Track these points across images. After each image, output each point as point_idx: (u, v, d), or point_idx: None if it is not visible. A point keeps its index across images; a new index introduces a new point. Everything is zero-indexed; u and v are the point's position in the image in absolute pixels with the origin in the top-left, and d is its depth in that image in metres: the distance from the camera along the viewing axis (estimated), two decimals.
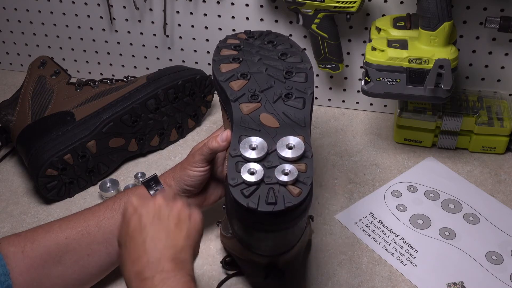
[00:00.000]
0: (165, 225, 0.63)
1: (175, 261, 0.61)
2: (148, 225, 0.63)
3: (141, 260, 0.61)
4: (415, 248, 0.86)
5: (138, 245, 0.62)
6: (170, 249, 0.62)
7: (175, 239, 0.63)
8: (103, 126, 0.96)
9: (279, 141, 0.70)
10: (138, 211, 0.64)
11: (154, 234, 0.62)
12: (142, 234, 0.62)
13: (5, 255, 0.72)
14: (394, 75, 0.88)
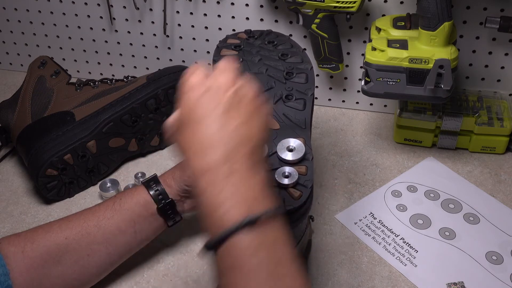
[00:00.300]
0: (238, 113, 0.55)
1: (252, 159, 0.53)
2: (218, 111, 0.54)
3: (215, 149, 0.53)
4: (415, 248, 0.86)
5: (209, 133, 0.53)
6: (247, 143, 0.54)
7: (252, 131, 0.55)
8: (103, 126, 0.96)
9: (280, 143, 0.70)
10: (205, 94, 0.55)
11: (227, 122, 0.54)
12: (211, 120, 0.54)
13: (5, 255, 0.72)
14: (394, 75, 0.88)
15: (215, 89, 0.56)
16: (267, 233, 0.51)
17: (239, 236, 0.50)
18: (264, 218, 0.50)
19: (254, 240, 0.50)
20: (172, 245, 0.88)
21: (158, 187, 0.80)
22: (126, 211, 0.78)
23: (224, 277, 0.51)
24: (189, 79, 0.57)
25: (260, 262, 0.49)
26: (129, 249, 0.80)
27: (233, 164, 0.52)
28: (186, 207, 0.82)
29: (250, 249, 0.49)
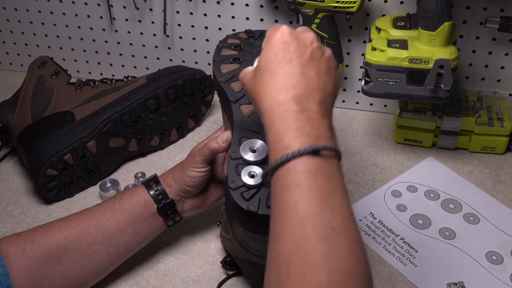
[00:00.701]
0: (317, 65, 0.60)
1: (322, 105, 0.58)
2: (300, 59, 0.59)
3: (288, 90, 0.57)
4: (415, 248, 0.86)
5: (287, 74, 0.58)
6: (320, 91, 0.58)
7: (325, 83, 0.59)
8: (103, 126, 0.96)
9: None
10: (290, 43, 0.60)
11: (306, 70, 0.59)
12: (293, 64, 0.59)
13: (5, 255, 0.72)
14: (394, 75, 0.88)
15: (301, 40, 0.61)
16: (327, 165, 0.54)
17: (301, 160, 0.53)
18: (326, 152, 0.54)
19: (314, 166, 0.53)
20: (172, 245, 0.88)
21: (158, 187, 0.80)
22: (126, 211, 0.78)
23: (277, 197, 0.54)
24: (277, 29, 0.61)
25: (316, 185, 0.52)
26: (129, 249, 0.80)
27: (305, 105, 0.56)
28: (186, 207, 0.82)
29: (309, 173, 0.52)
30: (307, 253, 0.49)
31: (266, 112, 0.58)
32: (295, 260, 0.49)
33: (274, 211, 0.54)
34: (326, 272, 0.48)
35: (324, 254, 0.49)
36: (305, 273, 0.48)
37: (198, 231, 0.90)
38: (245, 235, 0.72)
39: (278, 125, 0.56)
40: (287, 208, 0.52)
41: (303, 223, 0.50)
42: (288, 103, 0.56)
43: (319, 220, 0.50)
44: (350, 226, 0.51)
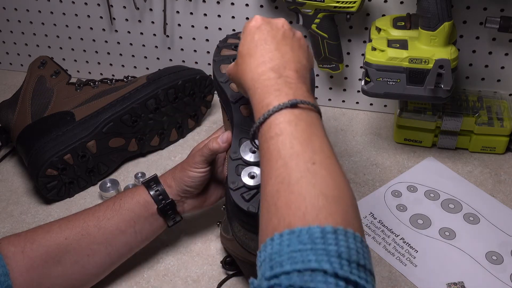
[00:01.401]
0: (290, 43, 0.65)
1: (298, 73, 0.62)
2: (274, 38, 0.65)
3: (266, 64, 0.62)
4: (415, 248, 0.86)
5: (264, 51, 0.63)
6: (295, 62, 0.63)
7: (299, 56, 0.65)
8: (103, 126, 0.96)
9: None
10: (263, 27, 0.66)
11: (280, 46, 0.64)
12: (268, 43, 0.64)
13: (5, 255, 0.72)
14: (394, 75, 0.88)
15: (273, 24, 0.67)
16: (306, 116, 0.58)
17: (281, 113, 0.57)
18: (304, 105, 0.58)
19: (294, 117, 0.57)
20: (172, 245, 0.88)
21: (158, 187, 0.80)
22: (126, 211, 0.78)
23: (263, 148, 0.58)
24: (250, 19, 0.67)
25: (297, 131, 0.56)
26: (129, 249, 0.80)
27: (282, 72, 0.61)
28: (186, 207, 0.82)
29: (289, 122, 0.57)
30: (291, 186, 0.53)
31: (249, 85, 0.63)
32: (281, 194, 0.53)
33: (262, 161, 0.58)
34: (309, 199, 0.51)
35: (306, 184, 0.52)
36: (290, 203, 0.52)
37: (198, 231, 0.90)
38: (245, 235, 0.72)
39: (259, 91, 0.61)
40: (271, 154, 0.56)
41: (286, 163, 0.54)
42: (267, 73, 0.61)
43: (300, 157, 0.54)
44: (331, 162, 0.55)
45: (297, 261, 0.48)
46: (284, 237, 0.50)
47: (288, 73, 0.61)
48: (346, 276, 0.47)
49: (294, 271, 0.47)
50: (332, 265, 0.47)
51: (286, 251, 0.49)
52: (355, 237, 0.50)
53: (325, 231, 0.49)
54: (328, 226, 0.49)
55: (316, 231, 0.49)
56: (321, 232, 0.49)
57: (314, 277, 0.47)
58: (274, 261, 0.49)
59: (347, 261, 0.48)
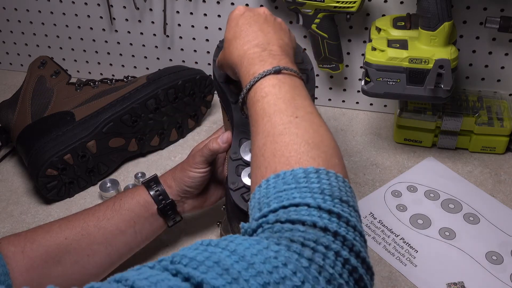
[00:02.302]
0: (272, 25, 0.70)
1: (282, 48, 0.67)
2: (257, 21, 0.69)
3: (251, 42, 0.67)
4: (415, 248, 0.86)
5: (248, 32, 0.68)
6: (278, 39, 0.68)
7: (281, 36, 0.69)
8: (103, 126, 0.96)
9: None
10: (246, 13, 0.71)
11: (263, 28, 0.69)
12: (251, 26, 0.69)
13: (5, 255, 0.72)
14: (394, 75, 0.88)
15: (255, 11, 0.72)
16: (289, 80, 0.62)
17: (266, 78, 0.61)
18: (288, 71, 0.62)
19: (277, 81, 0.61)
20: (172, 245, 0.88)
21: (158, 188, 0.80)
22: (126, 211, 0.78)
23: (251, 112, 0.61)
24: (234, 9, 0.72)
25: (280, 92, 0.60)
26: (129, 249, 0.80)
27: (266, 46, 0.66)
28: (186, 207, 0.82)
29: (273, 85, 0.61)
30: (275, 137, 0.56)
31: (236, 62, 0.67)
32: (267, 146, 0.56)
33: (251, 124, 0.62)
34: (292, 146, 0.55)
35: (289, 134, 0.56)
36: (275, 151, 0.55)
37: (198, 231, 0.90)
38: None
39: (246, 63, 0.65)
40: (258, 115, 0.60)
41: (270, 119, 0.58)
42: (252, 48, 0.66)
43: (283, 113, 0.58)
44: (312, 116, 0.59)
45: (282, 200, 0.51)
46: (270, 181, 0.53)
47: (272, 48, 0.66)
48: (328, 208, 0.49)
49: (280, 208, 0.50)
50: (315, 200, 0.50)
51: (272, 192, 0.52)
52: (337, 177, 0.53)
53: (308, 171, 0.52)
54: (310, 167, 0.52)
55: (299, 172, 0.52)
56: (304, 172, 0.52)
57: (298, 211, 0.49)
58: (262, 203, 0.52)
59: (329, 196, 0.51)
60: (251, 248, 0.45)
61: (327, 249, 0.46)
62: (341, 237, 0.48)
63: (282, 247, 0.45)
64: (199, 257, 0.44)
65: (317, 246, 0.46)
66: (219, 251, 0.45)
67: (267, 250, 0.45)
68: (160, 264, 0.45)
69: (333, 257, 0.46)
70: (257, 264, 0.44)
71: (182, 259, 0.44)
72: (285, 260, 0.44)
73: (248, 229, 0.51)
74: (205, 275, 0.42)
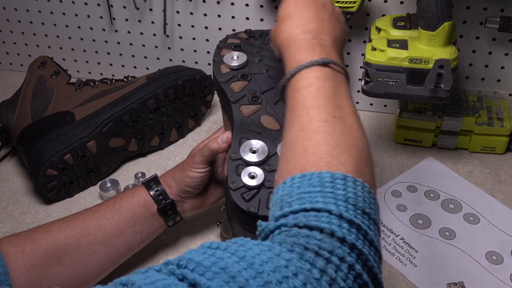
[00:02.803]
0: (329, 13, 0.68)
1: (333, 39, 0.65)
2: (315, 5, 0.67)
3: (304, 26, 0.65)
4: (415, 248, 0.86)
5: (303, 15, 0.66)
6: (331, 30, 0.66)
7: (335, 28, 0.67)
8: (103, 126, 0.96)
9: (280, 144, 0.70)
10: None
11: (319, 13, 0.67)
12: (308, 9, 0.67)
13: (5, 255, 0.72)
14: (394, 75, 0.88)
15: None
16: (334, 75, 0.60)
17: (312, 68, 0.59)
18: (334, 66, 0.60)
19: (323, 73, 0.59)
20: (172, 245, 0.88)
21: (158, 187, 0.80)
22: (126, 211, 0.78)
23: (290, 99, 0.60)
24: None
25: (324, 86, 0.58)
26: (129, 249, 0.80)
27: (318, 35, 0.64)
28: (186, 207, 0.82)
29: (318, 77, 0.59)
30: (310, 133, 0.55)
31: (284, 43, 0.65)
32: (299, 140, 0.55)
33: (287, 111, 0.60)
34: (324, 147, 0.53)
35: (323, 133, 0.54)
36: (306, 149, 0.54)
37: (198, 231, 0.90)
38: (245, 235, 0.72)
39: (294, 48, 0.63)
40: (296, 105, 0.58)
41: (308, 112, 0.56)
42: (303, 33, 0.64)
43: (322, 109, 0.56)
44: (351, 118, 0.57)
45: (305, 202, 0.49)
46: (295, 180, 0.52)
47: (323, 37, 0.64)
48: (350, 218, 0.48)
49: (301, 211, 0.49)
50: (338, 207, 0.49)
51: (296, 192, 0.51)
52: (363, 187, 0.51)
53: (335, 176, 0.51)
54: (338, 173, 0.51)
55: (326, 176, 0.51)
56: (331, 177, 0.51)
57: (319, 217, 0.48)
58: (284, 202, 0.51)
59: (353, 205, 0.49)
60: (261, 255, 0.44)
61: (342, 261, 0.45)
62: (357, 250, 0.47)
63: (295, 255, 0.45)
64: (206, 262, 0.43)
65: (332, 257, 0.45)
66: (227, 256, 0.44)
67: (278, 258, 0.44)
68: (166, 267, 0.44)
69: (346, 270, 0.45)
70: (265, 272, 0.43)
71: (188, 263, 0.43)
72: (295, 270, 0.43)
73: (266, 229, 0.50)
74: (211, 282, 0.42)
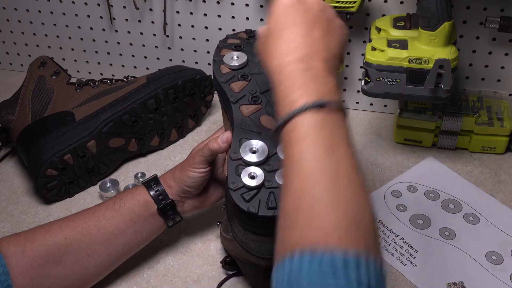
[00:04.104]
0: (322, 27, 0.63)
1: (327, 63, 0.60)
2: (306, 20, 0.62)
3: (295, 52, 0.60)
4: (415, 248, 0.86)
5: (294, 35, 0.61)
6: (325, 51, 0.61)
7: (329, 44, 0.62)
8: (103, 126, 0.96)
9: (280, 144, 0.70)
10: (295, 5, 0.63)
11: (311, 31, 0.62)
12: (299, 27, 0.61)
13: (5, 255, 0.72)
14: (394, 75, 0.88)
15: (305, 3, 0.63)
16: (332, 118, 0.56)
17: (307, 114, 0.55)
18: (331, 106, 0.56)
19: (320, 119, 0.55)
20: (172, 245, 0.88)
21: (158, 188, 0.80)
22: (126, 211, 0.78)
23: (287, 150, 0.56)
24: None
25: (322, 136, 0.54)
26: (129, 249, 0.80)
27: (310, 63, 0.59)
28: (186, 207, 0.82)
29: (315, 125, 0.55)
30: (313, 203, 0.50)
31: (275, 72, 0.61)
32: (302, 209, 0.51)
33: (284, 163, 0.56)
34: (332, 217, 0.49)
35: (329, 204, 0.50)
36: (312, 220, 0.50)
37: (198, 231, 0.90)
38: (245, 236, 0.72)
39: (286, 83, 0.58)
40: (294, 159, 0.54)
41: (309, 172, 0.52)
42: (295, 63, 0.59)
43: (324, 168, 0.52)
44: (355, 173, 0.53)
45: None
46: (304, 260, 0.48)
47: (316, 64, 0.59)
48: None
49: None
50: None
51: (306, 276, 0.47)
52: (375, 267, 0.48)
53: (348, 261, 0.47)
54: (350, 257, 0.48)
55: (338, 260, 0.47)
56: (343, 262, 0.47)
57: None
58: (293, 283, 0.47)
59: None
60: None
61: None
62: None
63: None
64: None
65: None
66: None
67: None
68: None
69: None
70: None
71: None
72: None
73: None
74: None
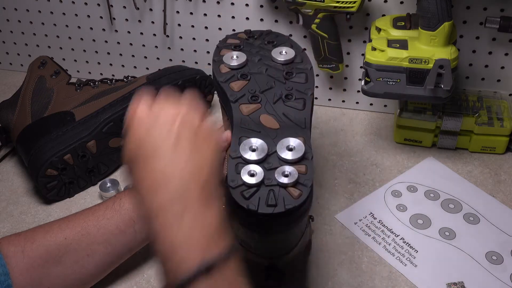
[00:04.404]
0: (187, 146, 0.54)
1: (205, 191, 0.53)
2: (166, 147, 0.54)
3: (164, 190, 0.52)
4: (415, 248, 0.86)
5: (158, 171, 0.53)
6: (198, 179, 0.53)
7: (201, 167, 0.54)
8: (103, 126, 0.96)
9: (279, 143, 0.70)
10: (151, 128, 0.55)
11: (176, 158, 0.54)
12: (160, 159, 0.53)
13: (5, 255, 0.72)
14: (394, 75, 0.88)
15: (162, 122, 0.56)
16: (223, 278, 0.51)
17: (196, 285, 0.50)
18: (219, 262, 0.51)
19: (213, 281, 0.50)
20: None
21: None
22: (126, 211, 0.78)
23: None
24: (135, 113, 0.57)
25: None
26: (129, 249, 0.80)
27: (185, 201, 0.52)
28: None
29: None
30: None
31: (148, 216, 0.54)
32: None
33: None
34: None
35: None
36: None
37: None
38: (245, 234, 0.72)
39: (163, 237, 0.52)
40: None
41: None
42: (167, 205, 0.52)
43: None
44: None
45: None
46: None
47: (190, 203, 0.52)
48: None
49: None
50: None
51: None
52: None
53: None
54: None
55: None
56: None
57: None
58: None
59: None
60: None
61: None
62: None
63: None
64: None
65: None
66: None
67: None
68: None
69: None
70: None
71: None
72: None
73: None
74: None
